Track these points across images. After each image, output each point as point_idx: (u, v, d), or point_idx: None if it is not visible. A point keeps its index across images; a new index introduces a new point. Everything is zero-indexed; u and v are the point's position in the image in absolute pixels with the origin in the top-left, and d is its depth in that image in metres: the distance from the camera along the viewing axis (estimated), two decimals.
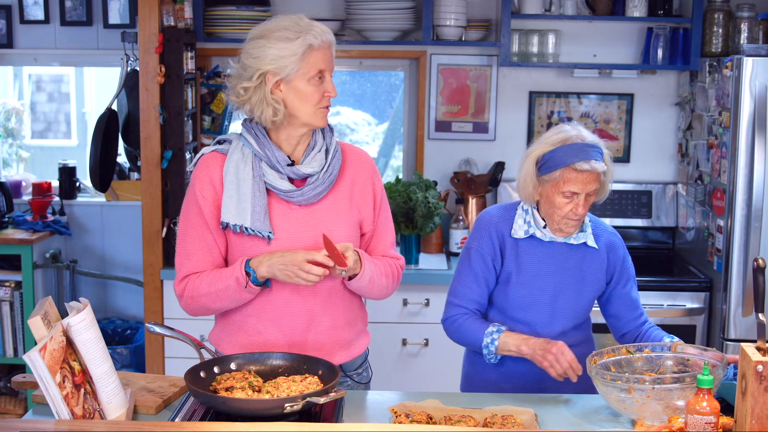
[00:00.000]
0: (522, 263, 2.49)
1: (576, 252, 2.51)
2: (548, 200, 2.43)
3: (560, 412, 2.26)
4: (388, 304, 3.81)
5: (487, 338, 2.44)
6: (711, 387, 1.92)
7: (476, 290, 2.52)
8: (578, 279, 2.51)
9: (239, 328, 2.36)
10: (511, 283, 2.50)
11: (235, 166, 2.28)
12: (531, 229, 2.48)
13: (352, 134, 5.48)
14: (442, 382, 3.85)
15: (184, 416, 2.07)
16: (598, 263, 2.53)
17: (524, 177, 2.45)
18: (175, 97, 3.76)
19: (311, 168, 2.29)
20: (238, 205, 2.25)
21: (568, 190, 2.39)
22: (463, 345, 2.58)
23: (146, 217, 3.82)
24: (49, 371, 1.83)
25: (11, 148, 5.13)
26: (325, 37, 2.25)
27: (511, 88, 4.36)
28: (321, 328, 2.34)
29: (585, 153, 2.37)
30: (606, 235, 2.56)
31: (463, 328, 2.50)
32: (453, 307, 2.55)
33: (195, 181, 2.32)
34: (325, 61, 2.25)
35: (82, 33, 4.40)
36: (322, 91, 2.26)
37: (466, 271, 2.54)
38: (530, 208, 2.50)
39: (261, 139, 2.29)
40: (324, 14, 4.23)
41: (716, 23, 4.01)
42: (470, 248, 2.54)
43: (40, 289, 4.22)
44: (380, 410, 2.22)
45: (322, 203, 2.32)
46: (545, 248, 2.49)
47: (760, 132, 3.49)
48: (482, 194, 4.28)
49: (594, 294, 2.56)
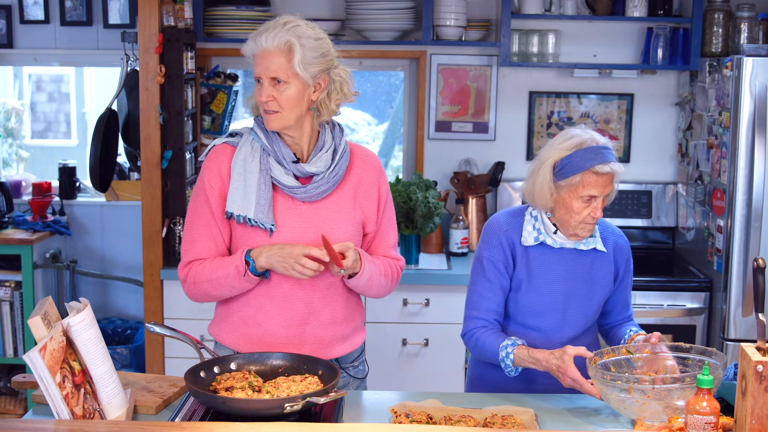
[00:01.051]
0: (532, 270, 2.48)
1: (585, 257, 2.50)
2: (565, 206, 2.41)
3: (560, 412, 2.26)
4: (388, 304, 3.81)
5: (503, 352, 2.40)
6: (711, 387, 1.92)
7: (493, 299, 2.50)
8: (588, 284, 2.50)
9: (240, 320, 2.38)
10: (522, 290, 2.49)
11: (243, 158, 2.32)
12: (541, 236, 2.47)
13: (352, 134, 5.48)
14: (442, 382, 3.86)
15: (184, 416, 2.07)
16: (607, 267, 2.53)
17: (541, 184, 2.41)
18: (175, 97, 3.76)
19: (316, 167, 2.32)
20: (243, 197, 2.29)
21: (588, 194, 2.37)
22: (483, 359, 2.54)
23: (146, 217, 3.82)
24: (49, 371, 1.83)
25: (11, 148, 5.13)
26: (259, 42, 2.25)
27: (511, 88, 4.36)
28: (319, 322, 2.37)
29: (602, 155, 2.36)
30: (613, 238, 2.56)
31: (481, 342, 2.47)
32: (471, 320, 2.52)
33: (204, 170, 2.36)
34: (259, 67, 2.27)
35: (82, 33, 4.40)
36: (262, 95, 2.29)
37: (480, 282, 2.51)
38: (539, 214, 2.49)
39: (270, 134, 2.33)
40: (324, 14, 4.23)
41: (716, 23, 4.01)
42: (482, 257, 2.51)
43: (40, 289, 4.22)
44: (380, 410, 2.22)
45: (326, 201, 2.35)
46: (555, 255, 2.48)
47: (760, 132, 3.49)
48: (482, 194, 4.28)
49: (603, 297, 2.55)
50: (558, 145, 2.42)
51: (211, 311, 2.52)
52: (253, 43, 2.26)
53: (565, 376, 2.27)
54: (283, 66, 2.24)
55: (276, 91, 2.26)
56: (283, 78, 2.25)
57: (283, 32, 2.24)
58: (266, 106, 2.28)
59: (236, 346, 2.38)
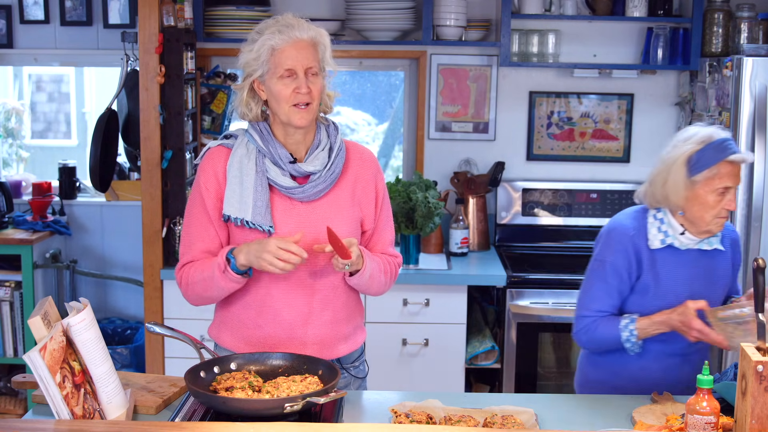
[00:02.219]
0: (659, 275, 2.47)
1: (707, 257, 2.50)
2: (699, 201, 2.40)
3: (560, 412, 2.26)
4: (388, 304, 3.81)
5: (624, 332, 2.43)
6: (711, 387, 1.92)
7: (608, 302, 2.50)
8: (709, 284, 2.51)
9: (240, 323, 2.38)
10: (649, 295, 2.49)
11: (239, 160, 2.31)
12: (668, 239, 2.47)
13: (352, 134, 5.48)
14: (442, 382, 3.86)
15: (184, 416, 2.07)
16: (725, 264, 2.54)
17: (674, 182, 2.41)
18: (175, 97, 3.76)
19: (313, 166, 2.31)
20: (240, 199, 2.28)
21: (723, 185, 2.38)
22: (601, 349, 2.55)
23: (146, 217, 3.82)
24: (49, 371, 1.83)
25: (11, 148, 5.13)
26: (293, 34, 2.24)
27: (511, 88, 4.36)
28: (321, 322, 2.36)
29: (732, 146, 2.39)
30: (728, 233, 2.57)
31: (597, 333, 2.49)
32: (582, 319, 2.53)
33: (200, 173, 2.36)
34: (293, 59, 2.24)
35: (82, 33, 4.40)
36: (292, 89, 2.26)
37: (598, 285, 2.51)
38: (665, 215, 2.48)
39: (265, 135, 2.32)
40: (324, 14, 4.23)
41: (716, 23, 4.01)
42: (604, 261, 2.50)
43: (40, 289, 4.22)
44: (380, 410, 2.22)
45: (323, 200, 2.34)
46: (681, 257, 2.48)
47: (760, 132, 3.49)
48: (482, 194, 4.28)
49: (723, 296, 2.56)
50: (685, 141, 2.42)
51: (211, 311, 2.52)
52: (284, 36, 2.23)
53: (690, 329, 2.33)
54: (317, 57, 2.28)
55: (310, 83, 2.26)
56: (316, 69, 2.27)
57: (311, 26, 2.28)
58: (302, 98, 2.26)
59: (237, 349, 2.38)
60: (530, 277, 3.86)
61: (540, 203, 4.35)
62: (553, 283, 3.84)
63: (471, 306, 4.03)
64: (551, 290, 3.82)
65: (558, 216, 4.35)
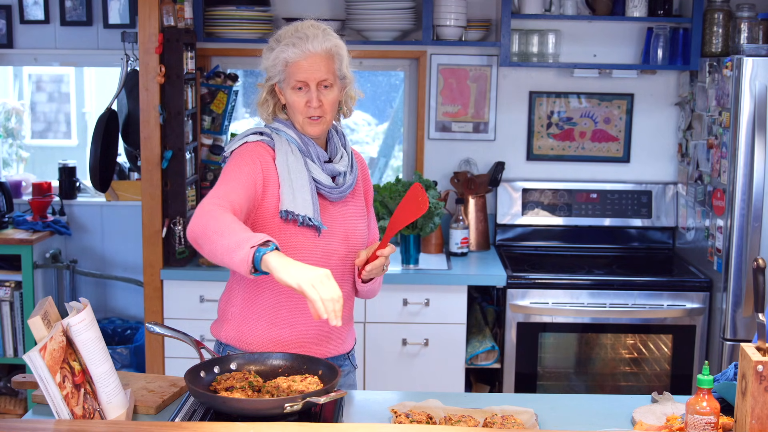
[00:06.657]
0: None
1: None
2: None
3: (560, 412, 2.26)
4: (388, 304, 3.81)
5: None
6: (711, 387, 1.92)
7: None
8: None
9: (270, 323, 2.34)
10: None
11: (285, 157, 2.30)
12: None
13: (352, 134, 5.48)
14: (442, 382, 3.86)
15: (184, 416, 2.07)
16: None
17: None
18: (175, 97, 3.76)
19: (342, 166, 2.37)
20: (300, 196, 2.27)
21: None
22: None
23: (146, 217, 3.82)
24: (49, 371, 1.83)
25: (11, 148, 5.13)
26: (306, 47, 2.24)
27: (511, 88, 4.36)
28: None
29: None
30: None
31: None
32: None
33: (244, 156, 2.24)
34: (305, 72, 2.25)
35: (82, 33, 4.40)
36: (305, 101, 2.28)
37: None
38: None
39: (300, 134, 2.34)
40: (324, 14, 4.22)
41: (716, 23, 4.01)
42: None
43: (40, 289, 4.22)
44: (380, 410, 2.22)
45: (347, 200, 2.41)
46: None
47: (760, 132, 3.49)
48: (482, 194, 4.28)
49: None
50: None
51: (211, 311, 2.52)
52: (297, 50, 2.24)
53: None
54: (332, 69, 2.28)
55: (322, 96, 2.28)
56: (330, 82, 2.28)
57: (327, 37, 2.27)
58: (313, 112, 2.28)
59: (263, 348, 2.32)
60: (530, 277, 3.86)
61: (540, 203, 4.35)
62: (553, 283, 3.84)
63: (471, 306, 4.03)
64: (551, 290, 3.82)
65: (558, 216, 4.35)
